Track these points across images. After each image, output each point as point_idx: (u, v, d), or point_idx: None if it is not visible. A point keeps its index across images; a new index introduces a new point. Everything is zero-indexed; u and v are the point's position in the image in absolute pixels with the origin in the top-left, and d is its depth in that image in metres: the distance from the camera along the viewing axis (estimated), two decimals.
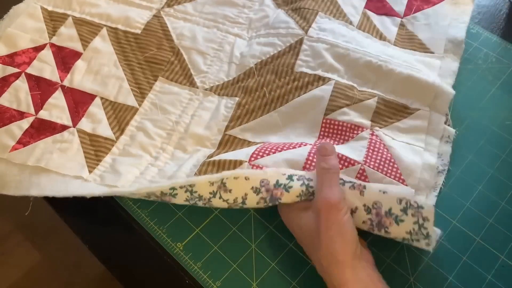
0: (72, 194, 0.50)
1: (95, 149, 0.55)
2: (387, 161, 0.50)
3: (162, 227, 0.51)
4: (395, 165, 0.50)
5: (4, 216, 1.17)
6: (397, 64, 0.58)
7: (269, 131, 0.55)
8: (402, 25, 0.66)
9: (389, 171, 0.49)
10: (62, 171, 0.53)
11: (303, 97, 0.56)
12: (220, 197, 0.47)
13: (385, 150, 0.51)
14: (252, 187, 0.47)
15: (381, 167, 0.49)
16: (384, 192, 0.46)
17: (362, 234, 0.47)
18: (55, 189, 0.51)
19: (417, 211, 0.45)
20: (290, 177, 0.47)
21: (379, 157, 0.50)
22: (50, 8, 0.66)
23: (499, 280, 0.48)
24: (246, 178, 0.47)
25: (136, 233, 0.51)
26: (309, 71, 0.58)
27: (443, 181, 0.53)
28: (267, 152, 0.50)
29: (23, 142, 0.55)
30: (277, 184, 0.47)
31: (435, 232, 0.45)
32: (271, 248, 0.50)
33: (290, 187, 0.47)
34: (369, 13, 0.66)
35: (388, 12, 0.67)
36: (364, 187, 0.47)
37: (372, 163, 0.50)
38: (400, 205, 0.45)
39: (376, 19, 0.66)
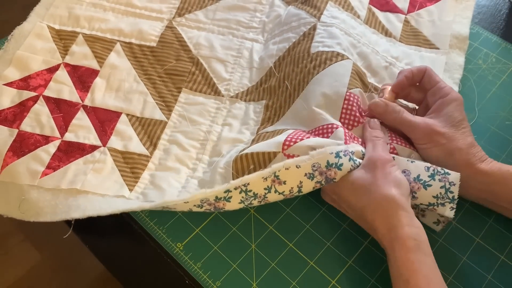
0: (119, 210, 0.48)
1: (130, 166, 0.54)
2: (409, 141, 0.52)
3: (162, 227, 0.51)
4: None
5: (4, 216, 1.17)
6: (400, 68, 0.60)
7: (298, 117, 0.54)
8: (406, 22, 0.66)
9: (414, 148, 0.51)
10: (101, 191, 0.51)
11: (322, 73, 0.55)
12: (276, 191, 0.47)
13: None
14: (306, 174, 0.47)
15: (408, 144, 0.51)
16: (412, 162, 0.49)
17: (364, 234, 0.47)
18: (98, 208, 0.49)
19: (444, 176, 0.47)
20: (337, 155, 0.47)
21: (400, 137, 0.52)
22: (57, 27, 0.64)
23: (499, 280, 0.48)
24: (297, 166, 0.46)
25: (136, 233, 0.51)
26: (326, 49, 0.57)
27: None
28: (300, 138, 0.49)
29: (52, 166, 0.53)
30: (329, 165, 0.47)
31: (456, 176, 0.47)
32: (271, 248, 0.50)
33: (341, 164, 0.47)
34: (374, 9, 0.67)
35: (392, 9, 0.67)
36: (393, 158, 0.49)
37: (398, 141, 0.51)
38: (427, 172, 0.48)
39: (380, 15, 0.66)
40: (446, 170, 0.47)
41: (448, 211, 0.47)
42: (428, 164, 0.48)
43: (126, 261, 0.60)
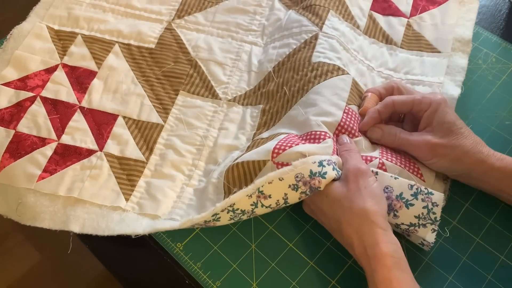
0: (115, 232, 0.49)
1: (126, 173, 0.54)
2: (403, 157, 0.51)
3: None
4: (412, 161, 0.51)
5: (4, 216, 1.17)
6: (397, 80, 0.60)
7: (293, 122, 0.54)
8: (408, 26, 0.65)
9: (408, 164, 0.50)
10: (97, 201, 0.51)
11: (323, 83, 0.55)
12: (262, 205, 0.47)
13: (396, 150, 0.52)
14: (290, 185, 0.46)
15: (399, 160, 0.50)
16: (395, 178, 0.48)
17: None
18: (96, 227, 0.49)
19: (427, 196, 0.46)
20: (320, 163, 0.46)
21: (394, 154, 0.51)
22: (56, 27, 0.64)
23: (499, 280, 0.48)
24: (280, 179, 0.46)
25: None
26: (327, 61, 0.57)
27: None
28: (289, 145, 0.49)
29: (49, 170, 0.53)
30: (312, 174, 0.46)
31: (440, 197, 0.46)
32: (271, 248, 0.50)
33: (325, 173, 0.46)
34: (375, 14, 0.66)
35: (394, 12, 0.67)
36: (377, 173, 0.48)
37: (389, 156, 0.50)
38: (411, 190, 0.47)
39: (382, 20, 0.66)
40: (430, 190, 0.47)
41: (429, 234, 0.46)
42: (412, 182, 0.47)
43: (126, 261, 0.60)
